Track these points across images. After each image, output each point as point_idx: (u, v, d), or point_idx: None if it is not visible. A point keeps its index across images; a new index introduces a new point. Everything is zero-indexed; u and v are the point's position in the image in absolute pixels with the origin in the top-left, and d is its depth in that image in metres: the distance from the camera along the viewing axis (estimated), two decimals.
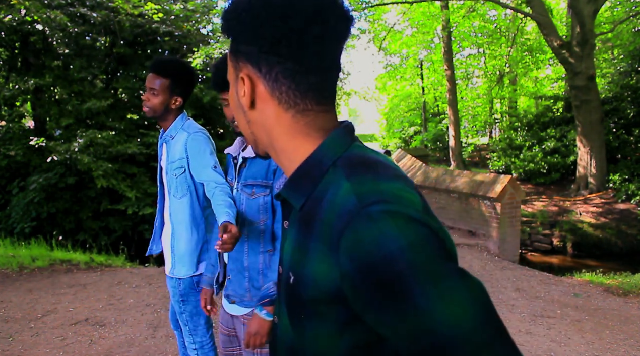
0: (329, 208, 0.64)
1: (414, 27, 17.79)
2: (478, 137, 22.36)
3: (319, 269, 0.65)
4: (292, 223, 0.75)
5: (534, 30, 16.08)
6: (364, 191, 0.62)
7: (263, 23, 0.67)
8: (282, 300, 0.77)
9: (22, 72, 10.43)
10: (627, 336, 3.67)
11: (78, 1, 9.88)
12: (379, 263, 0.57)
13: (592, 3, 9.50)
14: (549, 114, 13.46)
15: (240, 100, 0.74)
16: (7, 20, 9.02)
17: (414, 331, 0.58)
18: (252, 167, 1.67)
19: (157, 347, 3.32)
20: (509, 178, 6.53)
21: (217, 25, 12.86)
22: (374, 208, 0.59)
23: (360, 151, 0.71)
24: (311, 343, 0.70)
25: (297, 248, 0.71)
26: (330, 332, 0.67)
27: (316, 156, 0.71)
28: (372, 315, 0.61)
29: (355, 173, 0.65)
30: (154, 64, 2.01)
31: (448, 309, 0.57)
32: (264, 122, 0.73)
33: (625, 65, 12.37)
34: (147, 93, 2.02)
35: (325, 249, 0.63)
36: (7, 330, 3.57)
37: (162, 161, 2.13)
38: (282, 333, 0.79)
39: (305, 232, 0.69)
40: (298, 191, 0.72)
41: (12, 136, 9.83)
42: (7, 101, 10.09)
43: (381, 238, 0.57)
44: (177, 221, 2.06)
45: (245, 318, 1.64)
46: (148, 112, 2.04)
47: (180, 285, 2.09)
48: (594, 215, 9.76)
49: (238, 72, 0.74)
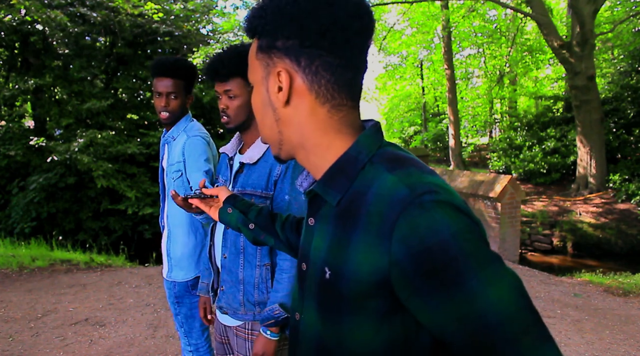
0: (377, 200, 0.66)
1: (414, 27, 17.79)
2: (478, 137, 22.36)
3: (364, 261, 0.66)
4: (324, 219, 0.76)
5: (534, 30, 16.08)
6: (413, 182, 0.65)
7: (309, 17, 0.69)
8: (310, 295, 0.78)
9: (22, 72, 10.43)
10: (627, 336, 3.67)
11: (78, 1, 9.88)
12: (434, 249, 0.60)
13: (592, 3, 9.50)
14: (549, 114, 13.46)
15: (271, 97, 0.74)
16: (7, 20, 9.02)
17: (463, 314, 0.61)
18: (251, 174, 1.55)
19: (157, 347, 3.32)
20: (509, 178, 6.53)
21: (217, 25, 12.86)
22: (426, 197, 0.62)
23: (394, 149, 0.74)
24: (348, 338, 0.71)
25: (334, 243, 0.71)
26: (369, 325, 0.69)
27: (351, 153, 0.73)
28: (419, 300, 0.64)
29: (397, 167, 0.68)
30: (166, 68, 1.94)
31: (496, 293, 0.61)
32: (297, 119, 0.74)
33: (625, 65, 12.37)
34: (163, 98, 1.95)
35: (373, 240, 0.65)
36: (7, 330, 3.57)
37: (163, 161, 2.10)
38: (307, 329, 0.79)
39: (344, 226, 0.70)
40: (334, 187, 0.73)
41: (12, 136, 9.83)
42: (7, 101, 10.09)
43: (435, 225, 0.61)
44: (174, 224, 2.02)
45: (238, 330, 1.59)
46: (169, 117, 1.98)
47: (174, 287, 2.06)
48: (594, 215, 9.76)
49: (271, 68, 0.74)
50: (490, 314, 0.61)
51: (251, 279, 1.53)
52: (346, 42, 0.70)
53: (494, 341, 0.61)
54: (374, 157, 0.72)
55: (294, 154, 0.79)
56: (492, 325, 0.61)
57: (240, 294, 1.54)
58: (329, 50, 0.70)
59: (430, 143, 19.81)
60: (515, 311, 0.61)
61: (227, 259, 1.58)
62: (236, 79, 1.54)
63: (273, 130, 0.77)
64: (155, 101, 1.98)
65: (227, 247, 1.58)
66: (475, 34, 17.21)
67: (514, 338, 0.61)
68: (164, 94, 1.94)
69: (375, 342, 0.69)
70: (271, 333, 1.45)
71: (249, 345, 1.56)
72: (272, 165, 1.51)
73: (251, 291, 1.53)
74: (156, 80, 1.95)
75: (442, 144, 19.13)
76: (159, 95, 1.96)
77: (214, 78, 1.56)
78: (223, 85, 1.55)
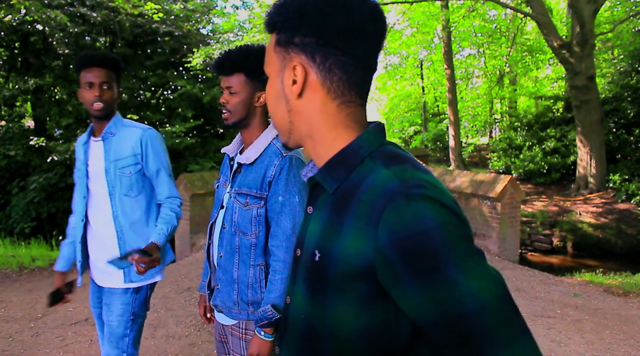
0: (369, 190, 0.70)
1: (414, 27, 17.77)
2: (478, 137, 22.36)
3: (351, 245, 0.70)
4: (321, 207, 0.80)
5: (534, 30, 16.07)
6: (406, 177, 0.69)
7: (326, 17, 0.73)
8: (300, 278, 0.82)
9: (22, 72, 10.43)
10: (627, 336, 3.67)
11: (78, 1, 9.88)
12: (417, 237, 0.63)
13: (592, 3, 9.49)
14: (549, 114, 13.45)
15: (285, 89, 0.79)
16: (7, 20, 9.02)
17: (443, 302, 0.64)
18: (247, 175, 1.57)
19: (157, 347, 3.32)
20: (509, 178, 6.53)
21: (217, 25, 12.85)
22: (415, 190, 0.66)
23: (394, 148, 0.79)
24: (331, 319, 0.74)
25: (327, 227, 0.76)
26: (350, 309, 0.72)
27: (353, 146, 0.77)
28: (400, 288, 0.66)
29: (393, 163, 0.73)
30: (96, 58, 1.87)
31: (476, 283, 0.63)
32: (308, 111, 0.79)
33: (625, 65, 12.36)
34: (96, 88, 1.86)
35: (362, 226, 0.69)
36: (7, 330, 3.57)
37: (93, 161, 1.94)
38: (295, 312, 0.83)
39: (338, 212, 0.74)
40: (333, 176, 0.78)
41: (12, 136, 9.83)
42: (7, 101, 10.09)
43: (420, 216, 0.64)
44: (130, 221, 1.92)
45: (233, 329, 1.60)
46: (103, 108, 1.89)
47: (134, 301, 1.93)
48: (594, 215, 9.76)
49: (287, 62, 0.78)
50: (469, 303, 0.62)
51: (245, 278, 1.55)
52: (360, 44, 0.75)
53: (472, 330, 0.63)
54: (374, 153, 0.76)
55: (301, 143, 0.84)
56: (471, 314, 0.62)
57: (235, 293, 1.56)
58: (343, 50, 0.74)
59: (430, 143, 19.81)
60: (495, 302, 0.63)
61: (222, 258, 1.59)
62: (239, 76, 1.56)
63: (284, 120, 0.81)
64: (86, 94, 1.86)
65: (223, 246, 1.59)
66: (475, 34, 17.20)
67: (491, 329, 0.62)
68: (96, 84, 1.85)
69: (356, 325, 0.72)
70: (265, 333, 1.46)
71: (244, 344, 1.58)
72: (267, 166, 1.53)
73: (245, 290, 1.55)
74: (85, 72, 1.86)
75: (442, 144, 19.13)
76: (91, 86, 1.86)
77: (219, 72, 1.58)
78: (226, 80, 1.57)
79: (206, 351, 3.29)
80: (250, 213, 1.55)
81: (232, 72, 1.55)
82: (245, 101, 1.57)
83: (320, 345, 0.77)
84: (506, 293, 0.65)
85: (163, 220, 1.90)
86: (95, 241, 1.97)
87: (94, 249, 1.98)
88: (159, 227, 1.87)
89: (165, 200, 1.98)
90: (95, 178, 1.94)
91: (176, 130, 10.27)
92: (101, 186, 1.92)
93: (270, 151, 1.56)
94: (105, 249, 1.93)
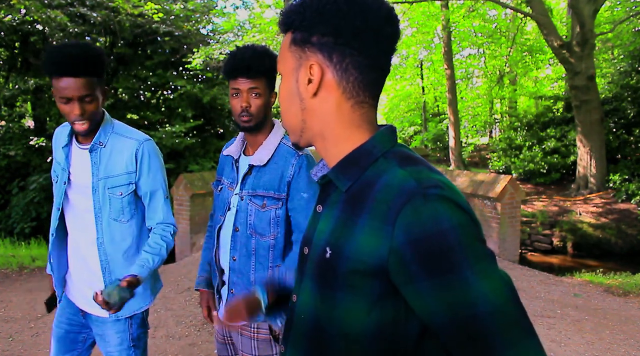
0: (385, 189, 0.71)
1: (414, 27, 17.77)
2: (478, 137, 22.36)
3: (365, 243, 0.70)
4: (332, 205, 0.81)
5: (534, 30, 16.07)
6: (422, 177, 0.70)
7: (345, 17, 0.74)
8: (308, 276, 0.82)
9: (22, 72, 10.43)
10: (627, 336, 3.67)
11: (78, 1, 9.87)
12: (434, 237, 0.64)
13: (592, 3, 9.49)
14: (549, 114, 13.45)
15: (300, 88, 0.79)
16: (7, 20, 9.02)
17: (455, 302, 0.65)
18: (262, 176, 1.55)
19: (157, 347, 3.32)
20: (509, 178, 6.53)
21: (217, 25, 12.85)
22: (432, 190, 0.67)
23: (406, 150, 0.80)
24: (340, 317, 0.74)
25: (339, 225, 0.76)
26: (361, 306, 0.72)
27: (367, 146, 0.78)
28: (413, 287, 0.67)
29: (407, 164, 0.74)
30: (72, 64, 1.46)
31: (488, 284, 0.65)
32: (322, 110, 0.79)
33: (625, 65, 12.36)
34: (75, 104, 1.48)
35: (377, 224, 0.69)
36: (7, 330, 3.57)
37: (77, 171, 1.64)
38: (302, 310, 0.83)
39: (351, 210, 0.75)
40: (346, 175, 0.78)
41: (12, 136, 9.83)
42: (7, 101, 10.09)
43: (437, 216, 0.65)
44: (117, 249, 1.64)
45: (244, 329, 1.59)
46: (88, 127, 1.54)
47: (131, 326, 1.69)
48: (594, 215, 9.76)
49: (303, 61, 0.78)
50: (480, 304, 0.64)
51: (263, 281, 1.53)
52: (376, 45, 0.76)
53: (481, 331, 0.64)
54: (387, 153, 0.78)
55: (312, 142, 0.84)
56: (481, 314, 0.64)
57: None
58: (359, 51, 0.75)
59: (430, 143, 19.80)
60: (505, 304, 0.65)
61: (236, 262, 1.57)
62: (264, 78, 1.55)
63: (297, 118, 0.82)
64: (63, 108, 1.50)
65: (237, 249, 1.57)
66: (475, 34, 17.21)
67: (501, 330, 0.64)
68: (74, 99, 1.47)
69: (365, 323, 0.72)
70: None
71: (255, 344, 1.56)
72: (283, 167, 1.53)
73: None
74: (57, 81, 1.46)
75: (442, 144, 19.12)
76: (68, 101, 1.47)
77: (243, 74, 1.52)
78: (250, 82, 1.53)
79: (206, 351, 3.29)
80: (268, 215, 1.53)
81: (259, 75, 1.53)
82: (267, 103, 1.58)
83: (328, 342, 0.77)
84: (515, 296, 0.67)
85: (150, 249, 1.61)
86: (77, 260, 1.69)
87: (76, 267, 1.69)
88: (143, 256, 1.59)
89: (157, 226, 1.68)
90: (79, 190, 1.64)
91: (176, 130, 10.27)
92: (86, 203, 1.62)
93: (283, 151, 1.56)
94: (87, 276, 1.66)
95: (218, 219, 1.67)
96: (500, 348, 0.64)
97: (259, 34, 11.12)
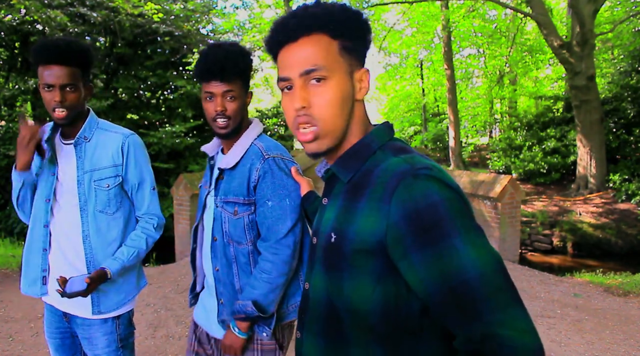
0: (382, 174, 0.78)
1: (414, 27, 17.78)
2: (478, 137, 22.34)
3: (365, 223, 0.77)
4: (336, 196, 0.88)
5: (534, 30, 16.06)
6: (414, 161, 0.77)
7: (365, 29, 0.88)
8: (318, 262, 0.89)
9: (22, 72, 10.43)
10: (627, 336, 3.67)
11: (78, 1, 9.87)
12: (424, 210, 0.71)
13: (592, 3, 9.49)
14: (549, 114, 13.45)
15: (353, 92, 0.87)
16: (7, 20, 9.02)
17: (445, 269, 0.69)
18: (231, 181, 1.47)
19: (157, 347, 3.32)
20: (509, 178, 6.53)
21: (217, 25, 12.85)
22: (422, 171, 0.75)
23: (400, 143, 0.88)
24: (349, 294, 0.80)
25: (342, 212, 0.83)
26: (366, 284, 0.78)
27: (366, 141, 0.87)
28: (407, 259, 0.73)
29: (401, 153, 0.82)
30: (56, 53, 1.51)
31: (476, 252, 0.70)
32: (358, 113, 0.89)
33: (625, 65, 12.36)
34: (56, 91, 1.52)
35: (375, 204, 0.76)
36: (7, 330, 3.57)
37: (62, 166, 1.65)
38: (316, 294, 0.89)
39: (352, 198, 0.82)
40: (347, 167, 0.86)
41: (12, 136, 9.82)
42: (7, 101, 10.09)
43: (427, 191, 0.72)
44: (104, 242, 1.64)
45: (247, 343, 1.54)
46: (67, 116, 1.56)
47: (118, 327, 1.68)
48: (594, 215, 9.76)
49: (355, 68, 0.87)
50: (470, 270, 0.68)
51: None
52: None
53: (470, 296, 0.68)
54: (383, 146, 0.86)
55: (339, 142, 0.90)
56: (469, 281, 0.68)
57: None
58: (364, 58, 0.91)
59: (430, 143, 19.79)
60: (492, 272, 0.69)
61: (219, 272, 1.51)
62: (239, 80, 1.45)
63: (343, 124, 0.86)
64: (45, 96, 1.55)
65: (218, 259, 1.51)
66: (475, 34, 17.20)
67: (488, 295, 0.68)
68: (56, 86, 1.52)
69: (372, 300, 0.78)
70: (239, 330, 1.43)
71: (257, 354, 1.51)
72: (250, 169, 1.45)
73: None
74: (42, 68, 1.52)
75: (442, 144, 19.11)
76: (50, 88, 1.53)
77: (216, 77, 1.40)
78: (224, 85, 1.41)
79: None
80: (241, 222, 1.46)
81: (233, 78, 1.42)
82: (244, 105, 1.49)
83: (341, 319, 0.82)
84: (502, 267, 0.71)
85: (130, 242, 1.65)
86: (58, 259, 1.65)
87: (58, 263, 1.65)
88: (120, 249, 1.63)
89: (142, 217, 1.72)
90: (64, 186, 1.64)
91: (176, 130, 10.28)
92: (71, 198, 1.63)
93: (251, 153, 1.46)
94: (70, 272, 1.62)
95: (197, 217, 1.63)
96: (488, 313, 0.67)
97: (259, 34, 11.12)
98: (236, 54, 1.44)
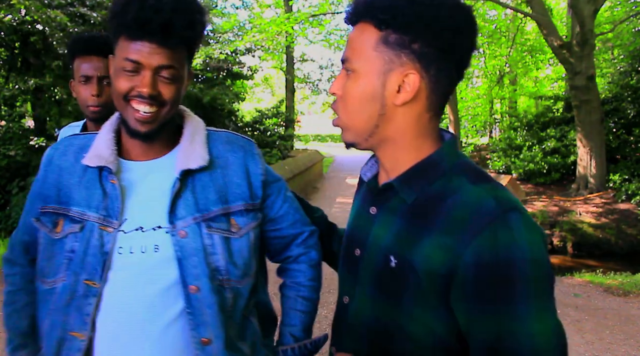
0: (462, 207, 0.70)
1: None
2: (478, 137, 22.33)
3: (435, 257, 0.70)
4: (391, 212, 0.79)
5: (534, 30, 16.06)
6: (500, 196, 0.69)
7: (457, 32, 0.71)
8: (367, 281, 0.81)
9: (22, 72, 10.44)
10: (627, 336, 3.67)
11: (78, 1, 9.89)
12: (502, 262, 0.64)
13: (592, 3, 9.49)
14: (549, 114, 13.44)
15: (386, 93, 0.74)
16: (7, 20, 9.03)
17: (501, 331, 0.64)
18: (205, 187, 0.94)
19: None
20: (509, 178, 6.54)
21: (217, 25, 12.85)
22: (512, 215, 0.67)
23: (470, 161, 0.79)
24: (409, 323, 0.74)
25: (404, 235, 0.75)
26: (428, 315, 0.73)
27: (434, 158, 0.77)
28: (464, 305, 0.68)
29: (478, 180, 0.73)
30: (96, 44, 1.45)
31: (538, 325, 0.63)
32: (403, 119, 0.75)
33: (625, 65, 12.36)
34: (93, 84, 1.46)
35: (449, 241, 0.68)
36: None
37: None
38: (359, 313, 0.83)
39: (418, 223, 0.74)
40: (412, 186, 0.76)
41: (12, 136, 9.83)
42: (7, 101, 10.09)
43: (512, 244, 0.64)
44: None
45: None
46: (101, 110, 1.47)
47: None
48: (594, 215, 9.76)
49: (396, 66, 0.72)
50: (525, 343, 0.63)
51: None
52: (466, 61, 0.76)
53: None
54: (454, 167, 0.76)
55: (377, 147, 0.80)
56: (521, 351, 0.63)
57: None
58: (455, 66, 0.74)
59: None
60: (548, 351, 0.64)
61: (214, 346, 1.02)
62: (184, 50, 0.90)
63: (370, 122, 0.76)
64: (80, 89, 1.46)
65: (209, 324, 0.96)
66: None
67: None
68: (94, 78, 1.43)
69: (437, 329, 0.73)
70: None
71: None
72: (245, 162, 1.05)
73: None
74: (80, 60, 1.45)
75: None
76: (87, 80, 1.44)
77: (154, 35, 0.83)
78: (165, 52, 0.85)
79: None
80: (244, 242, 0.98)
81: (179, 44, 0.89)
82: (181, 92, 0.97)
83: (394, 345, 0.77)
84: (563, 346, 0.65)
85: None
86: None
87: None
88: None
89: None
90: None
91: None
92: None
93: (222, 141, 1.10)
94: None
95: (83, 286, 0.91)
96: None
97: (259, 34, 11.11)
98: (191, 5, 0.88)
